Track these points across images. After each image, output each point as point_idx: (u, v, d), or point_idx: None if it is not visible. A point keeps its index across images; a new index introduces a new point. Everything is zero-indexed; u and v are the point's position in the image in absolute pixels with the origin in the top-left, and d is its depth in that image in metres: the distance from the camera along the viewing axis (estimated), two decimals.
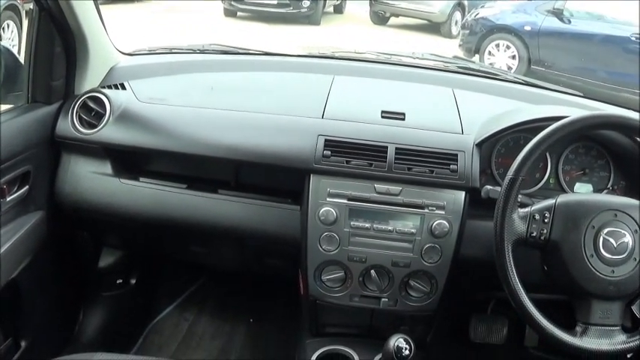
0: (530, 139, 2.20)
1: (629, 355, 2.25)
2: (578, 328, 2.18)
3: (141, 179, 2.74)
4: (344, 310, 2.68)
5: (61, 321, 3.31)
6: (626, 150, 2.70)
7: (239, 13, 15.04)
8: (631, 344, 2.15)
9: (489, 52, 11.22)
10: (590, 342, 2.14)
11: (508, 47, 11.10)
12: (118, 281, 3.55)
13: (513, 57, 11.01)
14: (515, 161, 2.18)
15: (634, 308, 2.42)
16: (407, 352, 2.13)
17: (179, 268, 4.03)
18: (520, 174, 2.15)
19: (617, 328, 2.17)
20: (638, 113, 3.00)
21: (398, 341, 2.14)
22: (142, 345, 3.73)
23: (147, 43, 3.37)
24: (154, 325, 3.86)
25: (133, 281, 3.64)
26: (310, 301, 2.69)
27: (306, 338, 2.91)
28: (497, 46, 11.23)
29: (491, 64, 10.72)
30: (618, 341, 2.15)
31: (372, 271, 2.54)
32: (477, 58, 11.00)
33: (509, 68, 10.74)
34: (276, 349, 3.75)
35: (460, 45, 12.18)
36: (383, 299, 2.60)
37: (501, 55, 11.18)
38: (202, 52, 3.32)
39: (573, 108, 2.73)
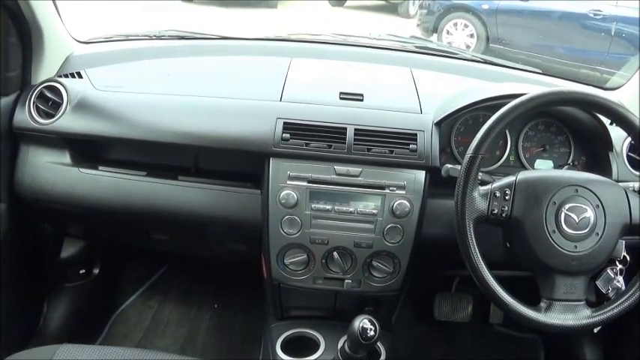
0: (489, 117, 2.20)
1: (595, 330, 2.25)
2: (543, 304, 2.19)
3: (100, 168, 2.71)
4: (308, 293, 2.68)
5: (25, 314, 3.28)
6: (586, 125, 2.71)
7: None
8: (596, 319, 2.17)
9: (447, 32, 11.19)
10: (555, 317, 2.15)
11: (466, 26, 11.06)
12: (80, 271, 3.53)
13: (471, 36, 10.98)
14: (475, 139, 2.18)
15: (598, 283, 2.42)
16: (372, 332, 2.12)
17: (142, 256, 4.01)
18: (479, 152, 2.15)
19: (582, 303, 2.19)
20: (596, 89, 3.04)
21: (363, 322, 2.14)
22: (107, 334, 3.71)
23: (103, 30, 3.33)
24: (118, 314, 3.84)
25: (96, 271, 3.62)
26: (274, 285, 2.69)
27: (271, 322, 2.91)
28: (456, 25, 11.18)
29: (449, 43, 10.69)
30: (583, 316, 2.16)
31: (335, 253, 2.54)
32: (435, 37, 10.97)
33: (468, 47, 10.71)
34: (242, 333, 3.75)
35: (418, 25, 12.14)
36: (346, 281, 2.61)
37: (460, 34, 11.14)
38: (159, 37, 3.29)
39: (532, 85, 2.72)
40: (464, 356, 3.85)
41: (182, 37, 3.28)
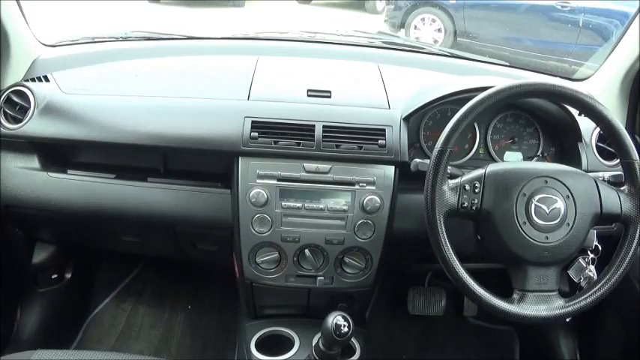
0: (457, 111, 2.20)
1: (568, 319, 2.26)
2: (516, 296, 2.19)
3: (69, 172, 2.69)
4: (281, 291, 2.69)
5: None
6: (554, 117, 2.73)
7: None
8: (569, 309, 2.18)
9: (415, 27, 11.20)
10: (528, 308, 2.16)
11: (434, 21, 11.06)
12: (53, 276, 3.50)
13: (439, 30, 10.98)
14: (443, 133, 2.18)
15: (570, 273, 2.44)
16: (346, 329, 2.13)
17: (114, 260, 3.99)
18: (448, 146, 2.16)
19: (554, 293, 2.20)
20: (564, 80, 3.05)
21: (336, 319, 2.14)
22: (81, 339, 3.70)
23: (70, 33, 3.32)
24: (92, 318, 3.82)
25: (69, 275, 3.59)
26: (246, 284, 2.69)
27: (245, 322, 2.91)
28: (423, 20, 11.18)
29: (417, 38, 10.70)
30: (556, 306, 2.17)
31: (307, 251, 2.54)
32: (402, 32, 10.97)
33: (436, 41, 10.72)
34: (217, 334, 3.75)
35: (385, 20, 12.13)
36: (319, 278, 2.61)
37: (427, 29, 11.13)
38: (125, 39, 3.27)
39: (499, 77, 2.73)
40: (439, 350, 3.86)
41: (149, 38, 3.27)
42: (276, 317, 2.88)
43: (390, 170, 2.49)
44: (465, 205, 2.19)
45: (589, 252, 2.39)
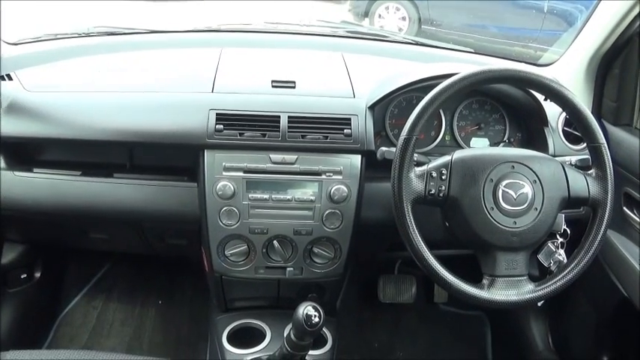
0: (423, 99, 2.20)
1: (539, 303, 2.27)
2: (485, 281, 2.21)
3: (35, 170, 2.66)
4: (251, 284, 2.69)
5: None
6: (520, 102, 2.74)
7: None
8: (539, 293, 2.19)
9: (379, 15, 11.18)
10: (498, 293, 2.17)
11: (398, 9, 11.03)
12: (22, 276, 3.48)
13: (403, 18, 10.96)
14: (408, 121, 2.18)
15: (540, 257, 2.45)
16: (316, 319, 2.11)
17: (83, 257, 3.97)
18: (414, 133, 2.16)
19: (524, 277, 2.21)
20: (529, 65, 3.06)
21: (307, 309, 2.12)
22: (53, 338, 3.68)
23: (32, 30, 3.29)
24: (63, 316, 3.80)
25: (38, 275, 3.57)
26: (216, 278, 2.69)
27: (216, 315, 2.91)
28: (387, 8, 11.15)
29: (381, 26, 10.69)
30: (526, 291, 2.18)
31: (275, 242, 2.54)
32: (367, 21, 10.98)
33: (400, 30, 10.69)
34: (188, 328, 3.74)
35: (349, 10, 12.13)
36: (288, 269, 2.60)
37: (391, 17, 11.11)
38: (88, 35, 3.23)
39: (464, 64, 2.73)
40: (410, 337, 3.87)
41: (111, 33, 3.24)
42: (247, 309, 2.88)
43: (357, 159, 2.49)
44: (433, 192, 2.19)
45: (558, 236, 2.41)
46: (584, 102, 2.28)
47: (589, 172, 2.25)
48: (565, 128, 2.76)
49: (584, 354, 3.20)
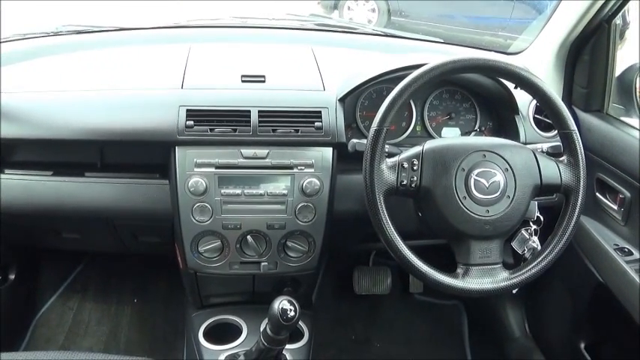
0: (393, 90, 2.20)
1: (515, 291, 2.27)
2: (460, 270, 2.21)
3: (6, 171, 2.64)
4: (225, 279, 2.68)
5: None
6: (491, 91, 2.76)
7: None
8: (514, 280, 2.20)
9: (348, 8, 11.20)
10: (473, 282, 2.18)
11: (367, 1, 11.08)
12: None
13: (373, 10, 10.97)
14: (378, 113, 2.18)
15: (514, 244, 2.46)
16: (292, 313, 2.12)
17: (57, 257, 3.94)
18: (384, 125, 2.16)
19: (499, 265, 2.22)
20: (499, 54, 3.07)
21: (282, 303, 2.13)
22: (30, 339, 3.65)
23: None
24: (39, 317, 3.77)
25: (12, 276, 3.54)
26: (190, 274, 2.68)
27: (191, 312, 2.91)
28: (356, 0, 11.20)
29: (350, 19, 10.72)
30: (501, 278, 2.20)
31: (249, 237, 2.53)
32: (336, 14, 11.00)
33: (370, 21, 10.72)
34: (164, 325, 3.73)
35: (319, 3, 12.15)
36: (263, 263, 2.60)
37: (361, 9, 11.13)
38: (56, 34, 3.21)
39: (434, 54, 2.75)
40: (387, 328, 3.88)
41: (80, 32, 3.22)
42: (222, 305, 2.89)
43: (328, 152, 2.49)
44: (405, 182, 2.19)
45: (531, 223, 2.42)
46: (554, 89, 2.29)
47: (560, 158, 2.26)
48: (536, 116, 2.78)
49: (560, 339, 3.22)
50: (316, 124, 2.47)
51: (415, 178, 2.19)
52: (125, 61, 2.94)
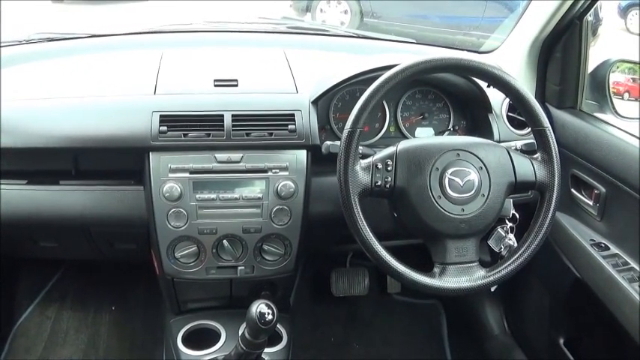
0: (365, 91, 2.20)
1: (492, 288, 2.28)
2: (436, 269, 2.22)
3: None
4: (203, 284, 2.68)
5: None
6: (463, 90, 2.77)
7: None
8: (490, 278, 2.21)
9: (321, 10, 11.20)
10: (450, 281, 2.18)
11: (339, 3, 11.10)
12: None
13: (345, 12, 10.99)
14: (351, 114, 2.18)
15: (490, 242, 2.47)
16: (270, 316, 2.13)
17: (34, 266, 3.93)
18: (357, 126, 2.16)
19: (475, 263, 2.23)
20: (471, 53, 3.08)
21: (260, 307, 2.13)
22: (9, 350, 3.62)
23: None
24: (17, 327, 3.75)
25: None
26: (167, 280, 2.67)
27: (169, 318, 2.90)
28: (329, 2, 11.21)
29: (323, 21, 10.71)
30: (478, 277, 2.20)
31: (225, 241, 2.53)
32: (308, 16, 11.00)
33: (342, 23, 10.72)
34: (143, 332, 3.72)
35: (291, 5, 12.17)
36: (239, 268, 2.60)
37: (333, 11, 11.14)
38: (28, 42, 3.20)
39: (406, 55, 2.75)
40: (366, 329, 3.88)
41: (52, 40, 3.21)
42: (200, 311, 2.88)
43: (302, 154, 2.49)
44: (379, 183, 2.19)
45: (507, 221, 2.44)
46: (527, 87, 2.30)
47: (534, 156, 2.28)
48: (509, 114, 2.80)
49: (540, 336, 3.23)
50: (290, 126, 2.47)
51: (390, 179, 2.20)
52: (98, 68, 2.93)
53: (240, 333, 2.28)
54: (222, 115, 2.46)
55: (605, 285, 2.52)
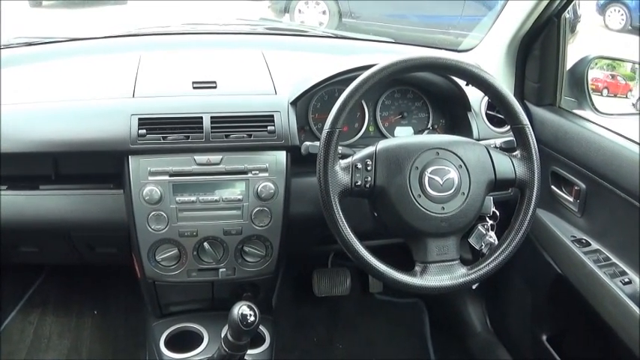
0: (344, 91, 2.20)
1: (474, 286, 2.29)
2: (418, 268, 2.22)
3: None
4: (184, 287, 2.67)
5: None
6: (442, 89, 2.78)
7: (44, 3, 14.56)
8: (472, 276, 2.22)
9: (299, 11, 11.18)
10: (431, 279, 2.19)
11: (317, 3, 11.08)
12: None
13: (324, 12, 10.98)
14: (330, 114, 2.19)
15: (471, 240, 2.48)
16: (252, 318, 2.13)
17: (15, 272, 3.91)
18: (336, 126, 2.17)
19: (456, 262, 2.24)
20: (449, 52, 3.09)
21: (242, 309, 2.14)
22: None
23: None
24: (0, 334, 3.74)
25: None
26: (149, 284, 2.67)
27: (152, 321, 2.89)
28: (307, 3, 11.19)
29: (302, 22, 10.70)
30: (459, 274, 2.21)
31: (206, 244, 2.52)
32: (287, 17, 10.99)
33: (321, 24, 10.71)
34: (126, 336, 3.71)
35: (269, 7, 12.16)
36: (221, 270, 2.59)
37: (311, 12, 11.11)
38: (7, 46, 3.18)
39: (384, 54, 2.75)
40: (349, 329, 3.89)
41: (30, 44, 3.20)
42: (182, 314, 2.87)
43: (282, 155, 2.49)
44: (359, 183, 2.19)
45: (488, 219, 2.45)
46: (506, 85, 2.33)
47: (514, 153, 2.29)
48: (488, 112, 2.80)
49: (522, 333, 3.24)
50: (269, 128, 2.47)
51: (369, 179, 2.20)
52: (76, 72, 2.92)
53: (222, 335, 2.29)
54: (201, 117, 2.46)
55: (586, 281, 2.53)
